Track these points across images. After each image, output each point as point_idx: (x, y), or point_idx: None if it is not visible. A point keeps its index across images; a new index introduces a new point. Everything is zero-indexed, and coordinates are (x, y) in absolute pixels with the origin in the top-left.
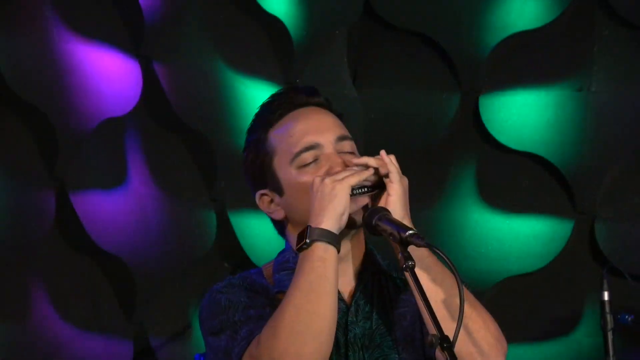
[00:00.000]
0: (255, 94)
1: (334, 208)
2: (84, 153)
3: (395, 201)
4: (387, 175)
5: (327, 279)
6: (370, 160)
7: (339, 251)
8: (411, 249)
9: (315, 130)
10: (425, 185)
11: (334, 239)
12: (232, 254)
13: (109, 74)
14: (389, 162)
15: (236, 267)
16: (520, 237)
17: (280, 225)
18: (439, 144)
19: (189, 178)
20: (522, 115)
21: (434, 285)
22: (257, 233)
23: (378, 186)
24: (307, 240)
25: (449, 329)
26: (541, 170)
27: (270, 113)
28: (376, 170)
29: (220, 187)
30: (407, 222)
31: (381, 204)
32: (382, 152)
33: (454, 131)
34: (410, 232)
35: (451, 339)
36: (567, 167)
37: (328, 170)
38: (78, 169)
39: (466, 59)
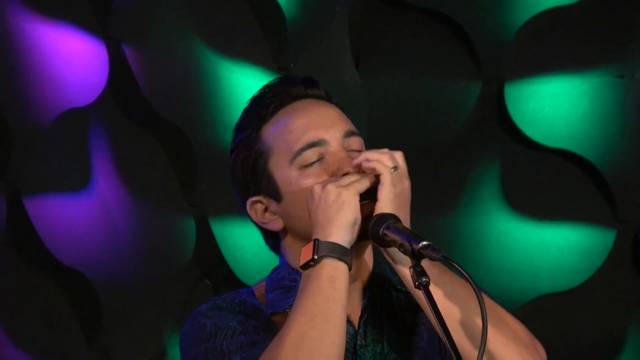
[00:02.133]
0: (242, 81)
1: (343, 218)
2: (40, 150)
3: (383, 208)
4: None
5: (336, 301)
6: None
7: (350, 268)
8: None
9: (319, 125)
10: (440, 189)
11: (346, 254)
12: (214, 268)
13: (70, 57)
14: (376, 161)
15: (219, 284)
16: (552, 249)
17: (274, 239)
18: (457, 140)
19: (163, 180)
20: (553, 106)
21: (447, 301)
22: (244, 244)
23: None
24: (315, 257)
25: (469, 353)
26: (577, 170)
27: (263, 107)
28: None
29: (201, 191)
30: None
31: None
32: (367, 154)
33: (475, 125)
34: (424, 243)
35: None
36: (607, 167)
37: (335, 171)
38: (33, 169)
39: (488, 41)
